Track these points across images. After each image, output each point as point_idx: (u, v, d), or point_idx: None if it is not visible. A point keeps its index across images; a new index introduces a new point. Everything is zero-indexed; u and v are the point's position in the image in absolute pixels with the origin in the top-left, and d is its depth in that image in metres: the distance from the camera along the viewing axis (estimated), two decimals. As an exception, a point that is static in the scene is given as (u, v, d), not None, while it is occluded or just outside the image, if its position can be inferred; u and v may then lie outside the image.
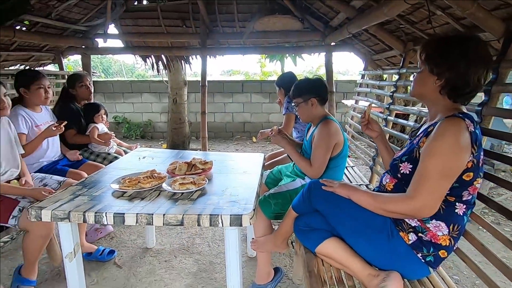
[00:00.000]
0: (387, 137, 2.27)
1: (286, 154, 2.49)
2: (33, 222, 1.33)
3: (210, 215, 1.20)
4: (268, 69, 8.30)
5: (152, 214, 1.21)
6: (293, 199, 1.41)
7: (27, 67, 3.48)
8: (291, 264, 2.01)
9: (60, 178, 1.93)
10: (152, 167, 1.68)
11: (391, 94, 2.28)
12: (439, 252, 1.10)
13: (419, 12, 1.73)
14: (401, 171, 1.14)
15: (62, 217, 1.22)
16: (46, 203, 1.28)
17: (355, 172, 2.63)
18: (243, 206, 1.27)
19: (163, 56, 3.95)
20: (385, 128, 2.26)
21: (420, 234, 1.10)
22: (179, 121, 4.83)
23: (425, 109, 1.74)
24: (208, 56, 3.65)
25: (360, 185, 2.33)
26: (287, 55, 6.38)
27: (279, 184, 1.85)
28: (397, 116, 2.75)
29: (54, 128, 1.96)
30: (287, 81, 2.47)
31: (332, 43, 3.38)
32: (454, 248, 1.15)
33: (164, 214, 1.20)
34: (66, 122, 2.06)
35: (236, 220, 1.19)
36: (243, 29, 3.50)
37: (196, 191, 1.43)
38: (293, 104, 1.79)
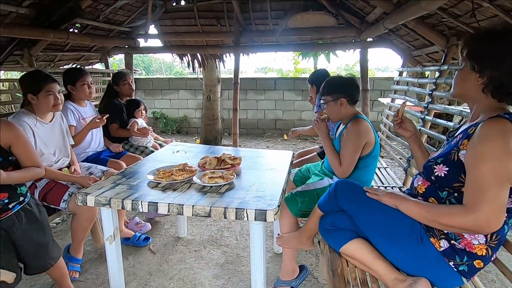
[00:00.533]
0: (424, 139, 2.17)
1: (315, 153, 2.47)
2: (80, 206, 1.49)
3: (236, 208, 1.24)
4: (301, 66, 8.20)
5: (183, 205, 1.28)
6: (320, 198, 1.41)
7: (78, 66, 3.82)
8: (317, 263, 2.01)
9: (104, 168, 2.13)
10: (184, 161, 1.77)
11: (430, 92, 2.15)
12: (474, 262, 1.04)
13: (463, 4, 1.60)
14: (436, 174, 1.08)
15: (103, 203, 1.35)
16: (91, 190, 1.42)
17: (388, 174, 2.53)
18: (268, 202, 1.30)
19: (198, 54, 4.10)
20: (422, 128, 2.14)
21: (453, 242, 1.05)
22: (212, 117, 4.98)
23: (467, 109, 1.62)
24: (241, 54, 3.71)
25: (392, 187, 2.24)
26: (320, 52, 6.24)
27: (307, 182, 1.85)
28: (439, 116, 2.58)
29: (97, 120, 2.16)
30: (319, 79, 2.42)
31: (368, 39, 3.26)
32: (492, 258, 1.07)
33: (193, 206, 1.27)
34: (108, 115, 2.25)
35: (261, 215, 1.22)
36: (276, 26, 3.51)
37: (224, 185, 1.49)
38: (321, 101, 1.76)
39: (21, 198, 1.39)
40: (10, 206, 1.34)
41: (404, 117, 1.38)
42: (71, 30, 2.99)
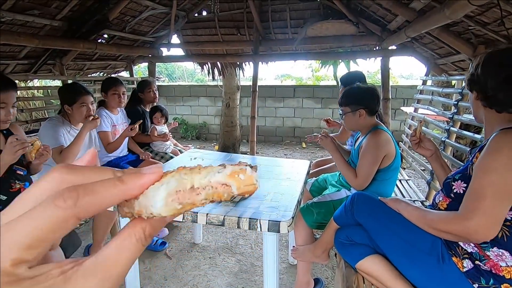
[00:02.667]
0: (448, 151, 2.07)
1: (334, 163, 2.42)
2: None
3: (250, 218, 1.24)
4: (321, 73, 8.13)
5: (197, 213, 1.30)
6: (336, 210, 1.38)
7: (105, 74, 4.01)
8: (333, 277, 1.95)
9: (125, 173, 2.21)
10: (201, 168, 1.79)
11: (456, 102, 2.06)
12: (502, 286, 0.97)
13: (492, 12, 1.53)
14: (454, 191, 1.05)
15: (122, 208, 1.39)
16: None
17: (410, 187, 2.43)
18: (282, 213, 1.28)
19: (218, 62, 4.18)
20: (447, 140, 2.05)
21: (477, 262, 0.99)
22: (231, 124, 5.03)
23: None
24: (260, 62, 3.75)
25: (414, 201, 2.14)
26: (340, 60, 6.17)
27: (324, 193, 1.81)
28: (466, 127, 2.46)
29: (130, 130, 2.26)
30: (354, 81, 2.30)
31: (390, 47, 3.19)
32: (523, 283, 0.99)
33: (207, 214, 1.28)
34: (141, 121, 2.35)
35: (274, 226, 1.21)
36: (295, 35, 3.52)
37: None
38: (339, 112, 1.73)
39: None
40: None
41: (422, 136, 1.34)
42: (99, 40, 3.16)
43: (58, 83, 3.44)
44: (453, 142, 2.02)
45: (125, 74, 4.69)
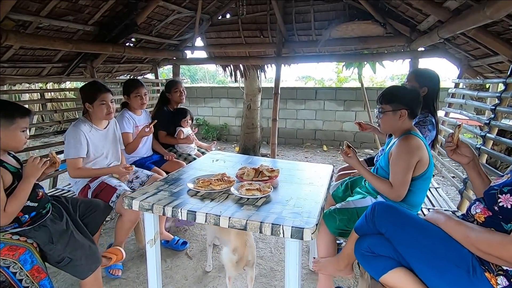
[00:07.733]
0: (484, 159, 1.94)
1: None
2: (125, 208, 1.58)
3: (272, 224, 1.22)
4: (344, 74, 7.93)
5: (219, 216, 1.30)
6: (358, 220, 1.33)
7: (132, 76, 4.15)
8: (356, 286, 1.89)
9: (149, 173, 2.27)
10: (223, 170, 1.80)
11: (494, 107, 1.92)
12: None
13: (537, 10, 1.42)
14: (500, 204, 0.96)
15: (147, 208, 1.42)
16: (136, 194, 1.50)
17: (440, 195, 2.30)
18: (306, 220, 1.25)
19: (240, 65, 4.20)
20: (482, 147, 1.92)
21: (515, 281, 0.91)
22: (252, 126, 5.04)
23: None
24: (282, 64, 3.72)
25: (445, 210, 2.03)
26: (365, 62, 5.99)
27: (348, 199, 1.75)
28: (501, 133, 2.31)
29: (147, 130, 2.31)
30: (429, 81, 1.93)
31: (420, 49, 3.05)
32: None
33: (229, 217, 1.28)
34: (156, 121, 2.39)
35: (297, 233, 1.19)
36: (319, 36, 3.46)
37: (261, 198, 1.48)
38: (378, 109, 1.59)
39: None
40: None
41: (459, 142, 1.24)
42: (127, 44, 3.27)
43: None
44: (489, 149, 1.89)
45: (150, 76, 4.83)
